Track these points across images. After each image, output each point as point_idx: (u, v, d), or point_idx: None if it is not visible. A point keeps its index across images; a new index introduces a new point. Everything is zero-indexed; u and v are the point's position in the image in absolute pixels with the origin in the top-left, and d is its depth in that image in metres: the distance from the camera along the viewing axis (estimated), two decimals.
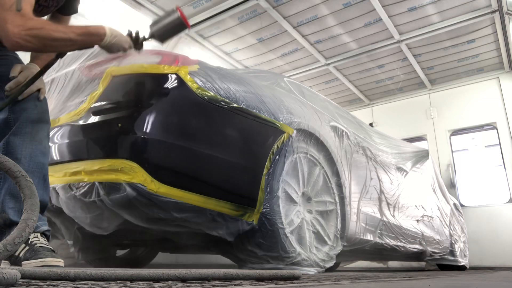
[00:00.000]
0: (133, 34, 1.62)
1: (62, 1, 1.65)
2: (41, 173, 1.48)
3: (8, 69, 1.50)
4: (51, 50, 1.49)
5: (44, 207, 1.49)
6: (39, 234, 1.44)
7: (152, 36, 1.66)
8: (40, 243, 1.40)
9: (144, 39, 1.65)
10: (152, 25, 1.67)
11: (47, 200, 1.52)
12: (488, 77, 6.31)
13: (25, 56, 1.63)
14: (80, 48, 1.51)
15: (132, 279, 0.89)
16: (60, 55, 1.55)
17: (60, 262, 1.39)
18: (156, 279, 0.92)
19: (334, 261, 2.31)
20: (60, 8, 1.67)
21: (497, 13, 4.83)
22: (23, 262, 1.35)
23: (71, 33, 1.40)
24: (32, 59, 1.64)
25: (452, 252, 4.37)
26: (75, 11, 1.76)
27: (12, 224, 1.39)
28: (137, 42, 1.63)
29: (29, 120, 1.47)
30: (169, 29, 1.66)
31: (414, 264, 5.34)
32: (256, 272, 1.18)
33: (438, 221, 4.14)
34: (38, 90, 1.53)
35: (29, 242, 1.39)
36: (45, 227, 1.48)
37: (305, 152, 2.31)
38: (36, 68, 1.55)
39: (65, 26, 1.45)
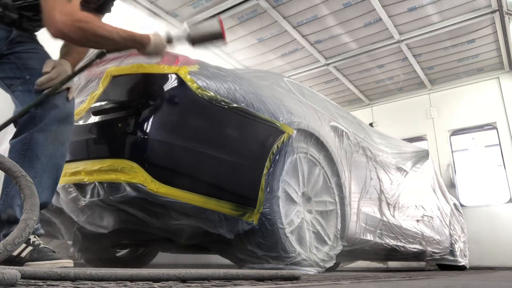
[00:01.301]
0: (172, 38, 1.61)
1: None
2: (55, 175, 1.45)
3: (39, 63, 1.46)
4: (90, 46, 1.48)
5: (44, 207, 1.48)
6: (36, 235, 1.43)
7: (188, 36, 1.62)
8: (42, 244, 1.40)
9: (179, 38, 1.62)
10: (189, 26, 1.63)
11: (51, 201, 1.50)
12: (488, 77, 6.32)
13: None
14: (118, 50, 1.51)
15: (132, 279, 0.89)
16: (100, 55, 1.52)
17: (70, 263, 1.40)
18: (156, 279, 0.92)
19: (334, 261, 2.31)
20: (96, 7, 1.65)
21: (497, 13, 4.83)
22: (32, 263, 1.33)
23: (115, 34, 1.40)
24: (63, 56, 1.59)
25: (452, 252, 4.37)
26: (109, 11, 1.75)
27: (15, 222, 1.37)
28: (171, 42, 1.62)
29: (56, 119, 1.43)
30: (206, 35, 1.62)
31: (414, 264, 5.34)
32: (256, 272, 1.18)
33: (438, 221, 4.14)
34: (67, 89, 1.50)
35: (31, 243, 1.38)
36: (41, 230, 1.48)
37: (305, 152, 2.31)
38: (68, 65, 1.52)
39: (112, 26, 1.42)
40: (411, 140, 6.19)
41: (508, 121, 6.01)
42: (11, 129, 1.52)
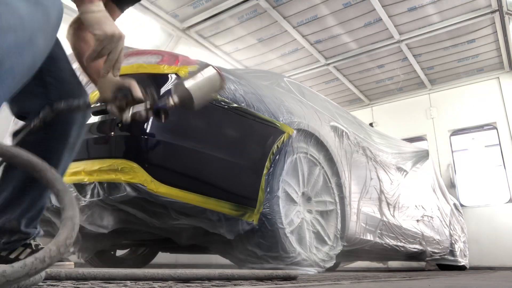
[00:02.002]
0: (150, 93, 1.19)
1: None
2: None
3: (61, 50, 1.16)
4: None
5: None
6: (36, 238, 1.34)
7: (182, 99, 1.17)
8: (41, 245, 1.37)
9: (167, 106, 1.17)
10: (191, 88, 1.18)
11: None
12: (488, 77, 6.32)
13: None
14: None
15: (131, 279, 0.89)
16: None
17: (71, 264, 1.38)
18: (156, 279, 0.92)
19: (334, 261, 2.31)
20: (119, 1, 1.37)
21: (497, 13, 4.83)
22: None
23: None
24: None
25: (452, 252, 4.37)
26: (123, 11, 1.42)
27: (17, 232, 1.23)
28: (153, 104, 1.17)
29: (76, 125, 1.21)
30: (209, 92, 1.22)
31: (414, 264, 5.33)
32: (251, 272, 1.18)
33: (438, 221, 4.14)
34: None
35: (29, 246, 1.30)
36: (41, 232, 1.36)
37: (305, 152, 2.31)
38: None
39: None
40: (411, 140, 6.18)
41: (508, 121, 6.01)
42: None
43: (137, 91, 1.16)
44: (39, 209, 1.26)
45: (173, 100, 1.17)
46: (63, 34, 1.27)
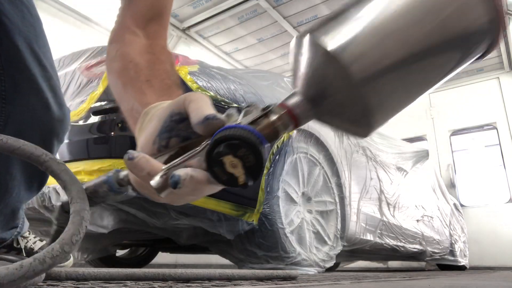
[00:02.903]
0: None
1: None
2: None
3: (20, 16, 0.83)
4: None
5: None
6: (28, 233, 1.29)
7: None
8: (38, 241, 1.34)
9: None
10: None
11: None
12: (488, 77, 6.32)
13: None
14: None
15: (132, 279, 0.89)
16: None
17: (71, 263, 1.38)
18: (157, 279, 0.92)
19: (334, 261, 2.31)
20: None
21: None
22: None
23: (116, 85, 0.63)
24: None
25: (452, 252, 4.37)
26: None
27: None
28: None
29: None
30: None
31: (414, 264, 5.34)
32: (252, 272, 1.18)
33: (438, 221, 4.15)
34: None
35: (25, 248, 1.25)
36: (25, 229, 1.23)
37: (305, 152, 2.31)
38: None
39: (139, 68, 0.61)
40: (411, 140, 6.19)
41: (508, 121, 6.01)
42: None
43: (204, 109, 0.46)
44: (10, 212, 1.06)
45: (298, 106, 0.47)
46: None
